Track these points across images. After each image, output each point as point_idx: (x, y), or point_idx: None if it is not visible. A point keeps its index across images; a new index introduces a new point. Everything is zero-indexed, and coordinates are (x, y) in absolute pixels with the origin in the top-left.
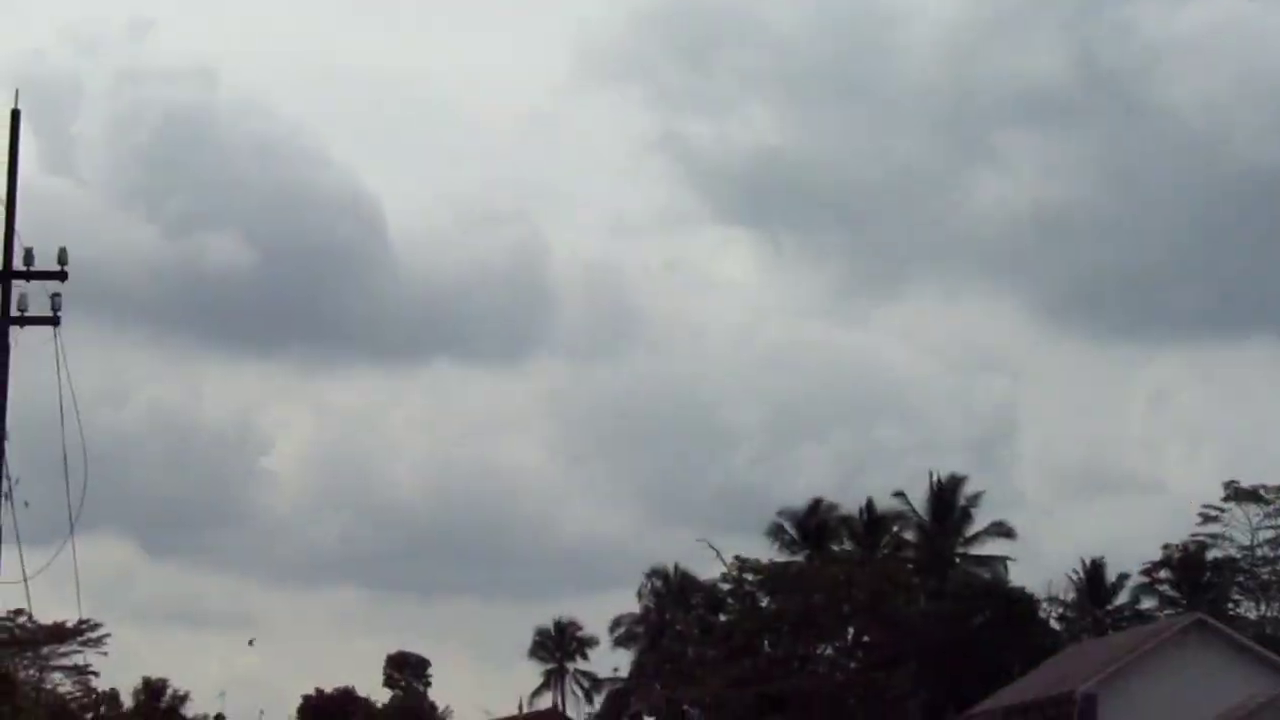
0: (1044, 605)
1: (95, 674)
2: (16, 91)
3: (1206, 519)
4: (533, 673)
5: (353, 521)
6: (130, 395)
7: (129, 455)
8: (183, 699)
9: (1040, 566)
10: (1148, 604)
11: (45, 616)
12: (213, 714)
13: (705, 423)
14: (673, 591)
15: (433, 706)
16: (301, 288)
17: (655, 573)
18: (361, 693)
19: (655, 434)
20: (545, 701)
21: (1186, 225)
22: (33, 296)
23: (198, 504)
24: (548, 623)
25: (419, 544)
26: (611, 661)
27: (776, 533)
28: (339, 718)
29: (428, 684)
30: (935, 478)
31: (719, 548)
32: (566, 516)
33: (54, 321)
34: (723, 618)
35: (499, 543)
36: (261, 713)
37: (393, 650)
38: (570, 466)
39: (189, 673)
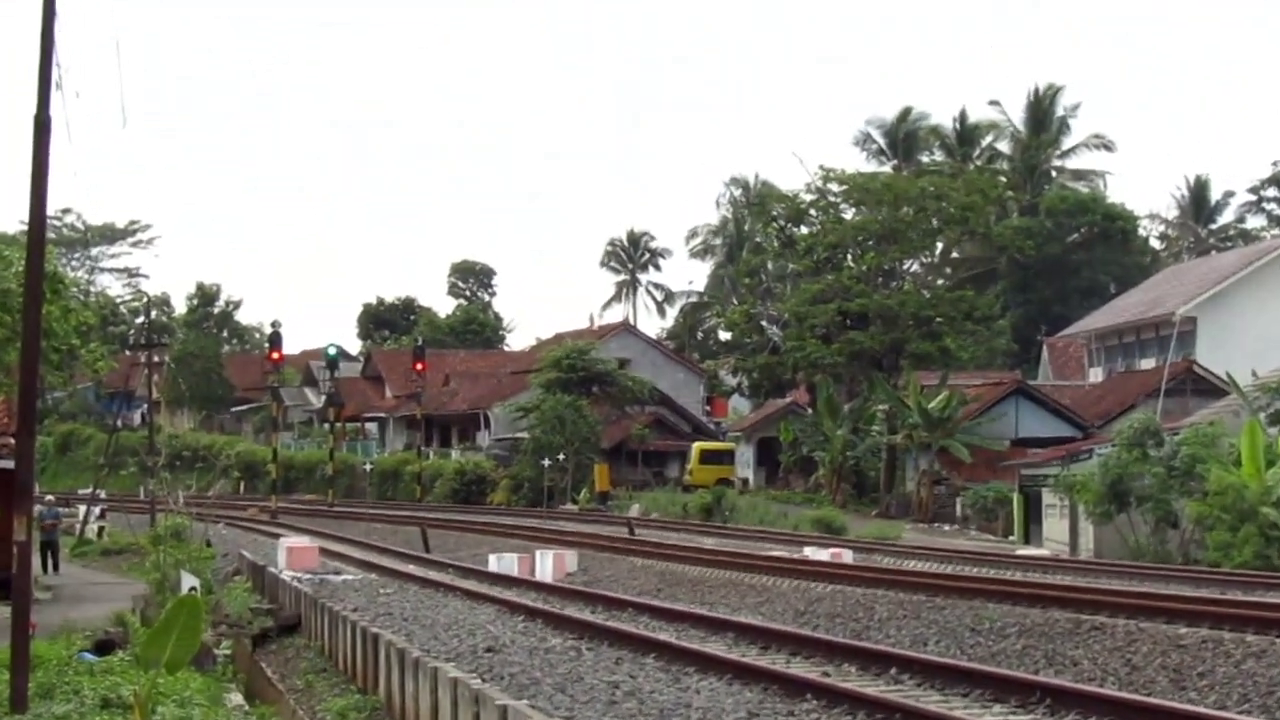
0: (1143, 223)
1: (146, 276)
2: None
3: None
4: (604, 284)
5: None
6: None
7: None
8: (237, 304)
9: (1141, 182)
10: (1254, 223)
11: (94, 217)
12: (268, 322)
13: None
14: (752, 202)
15: (498, 318)
16: None
17: (735, 181)
18: (424, 302)
19: None
20: (616, 314)
21: None
22: None
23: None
24: (621, 233)
25: (486, 140)
26: (686, 274)
27: (863, 142)
28: (400, 328)
29: (493, 294)
30: (1034, 85)
31: (802, 156)
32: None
33: None
34: (804, 230)
35: (573, 144)
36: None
37: (458, 259)
38: None
39: (243, 280)
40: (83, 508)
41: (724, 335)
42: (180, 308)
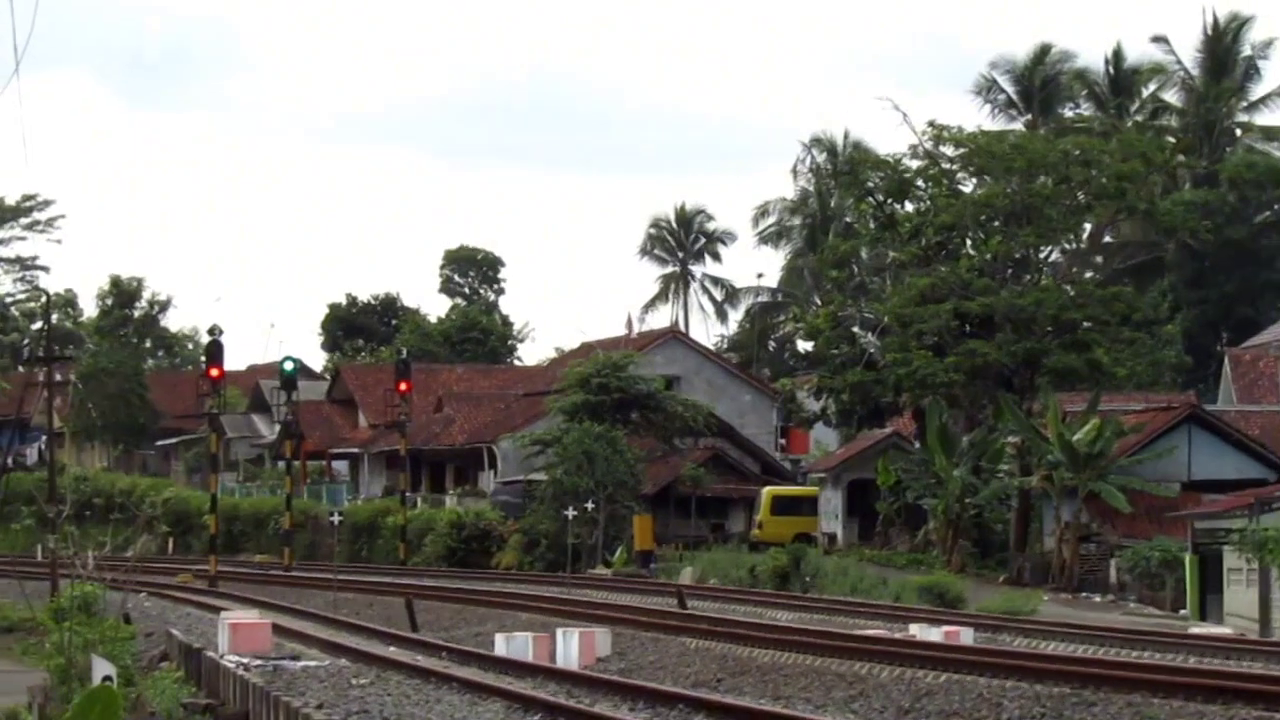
0: None
1: (45, 269)
2: None
3: None
4: (646, 278)
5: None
6: None
7: None
8: (164, 305)
9: None
10: None
11: None
12: (204, 328)
13: None
14: (841, 170)
15: (506, 321)
16: None
17: (817, 143)
18: (410, 301)
19: None
20: (662, 317)
21: None
22: None
23: (192, 40)
24: (667, 210)
25: (491, 94)
26: (754, 265)
27: (987, 90)
28: (378, 335)
29: (499, 292)
30: (1210, 17)
31: (906, 110)
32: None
33: None
34: (910, 207)
35: (603, 96)
36: (272, 326)
37: (453, 245)
38: None
39: (172, 273)
40: None
41: (803, 345)
42: (90, 309)
